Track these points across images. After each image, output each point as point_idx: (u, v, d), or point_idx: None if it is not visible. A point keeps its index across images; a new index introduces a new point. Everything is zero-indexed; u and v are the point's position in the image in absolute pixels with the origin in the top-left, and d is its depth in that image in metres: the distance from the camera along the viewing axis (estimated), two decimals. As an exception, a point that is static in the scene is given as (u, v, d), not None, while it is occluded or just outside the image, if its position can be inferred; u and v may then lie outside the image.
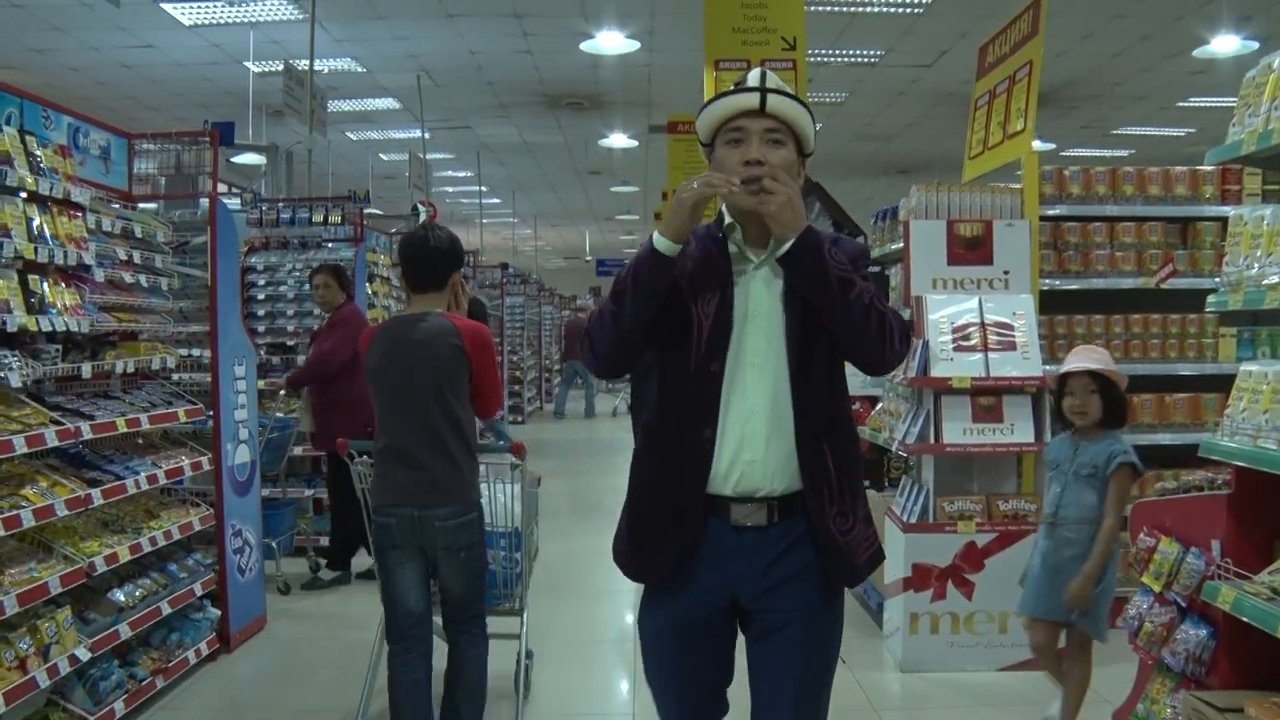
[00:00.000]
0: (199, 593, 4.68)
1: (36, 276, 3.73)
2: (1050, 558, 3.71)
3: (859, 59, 12.03)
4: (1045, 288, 5.24)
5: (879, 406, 5.98)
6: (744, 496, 2.22)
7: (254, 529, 5.25)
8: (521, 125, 15.17)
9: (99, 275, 4.14)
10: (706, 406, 2.22)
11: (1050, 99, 13.22)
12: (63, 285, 3.90)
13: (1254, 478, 2.62)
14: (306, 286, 6.81)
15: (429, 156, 14.06)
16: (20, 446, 3.44)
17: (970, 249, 5.03)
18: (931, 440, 4.75)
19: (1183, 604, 2.92)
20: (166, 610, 4.35)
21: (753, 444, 2.20)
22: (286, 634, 5.40)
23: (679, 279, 2.24)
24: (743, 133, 2.24)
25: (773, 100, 2.23)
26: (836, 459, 2.24)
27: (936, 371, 4.74)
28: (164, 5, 9.94)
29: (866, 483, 6.82)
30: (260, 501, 5.40)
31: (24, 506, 3.45)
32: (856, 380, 7.03)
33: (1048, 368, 4.87)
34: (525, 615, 4.11)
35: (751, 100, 2.24)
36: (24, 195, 3.72)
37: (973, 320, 4.81)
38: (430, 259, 3.57)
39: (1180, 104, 13.96)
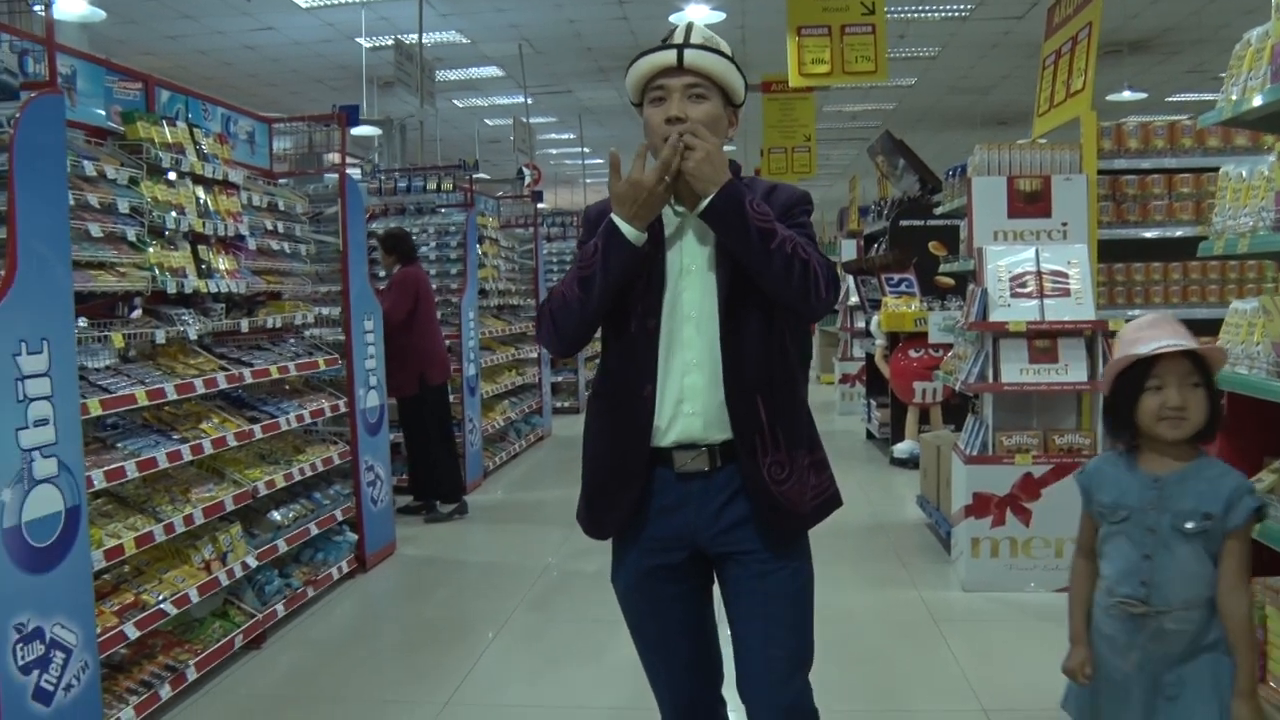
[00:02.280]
0: (339, 518, 5.38)
1: (204, 246, 4.41)
2: (1144, 663, 2.36)
3: (950, 13, 12.16)
4: (1104, 237, 5.58)
5: (952, 351, 6.39)
6: (685, 444, 2.24)
7: (384, 465, 5.94)
8: (621, 88, 15.46)
9: (251, 244, 4.81)
10: (646, 363, 2.23)
11: (1151, 45, 13.14)
12: (223, 253, 4.58)
13: (1243, 401, 3.03)
14: (423, 248, 7.49)
15: (532, 121, 14.65)
16: (199, 388, 4.14)
17: (1030, 202, 5.40)
18: (990, 379, 5.17)
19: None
20: (314, 531, 5.07)
21: (691, 397, 2.22)
22: (413, 557, 6.11)
23: None
24: (665, 90, 2.23)
25: (690, 55, 2.21)
26: (770, 409, 2.23)
27: (994, 316, 5.15)
28: (284, -11, 10.69)
29: (950, 427, 7.19)
30: (389, 441, 6.08)
31: (204, 437, 4.16)
32: (935, 328, 7.44)
33: (1102, 313, 5.26)
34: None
35: (669, 57, 2.22)
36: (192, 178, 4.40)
37: (1029, 269, 5.20)
38: None
39: (1285, 45, 13.72)
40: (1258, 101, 2.74)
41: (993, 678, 4.10)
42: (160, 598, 3.83)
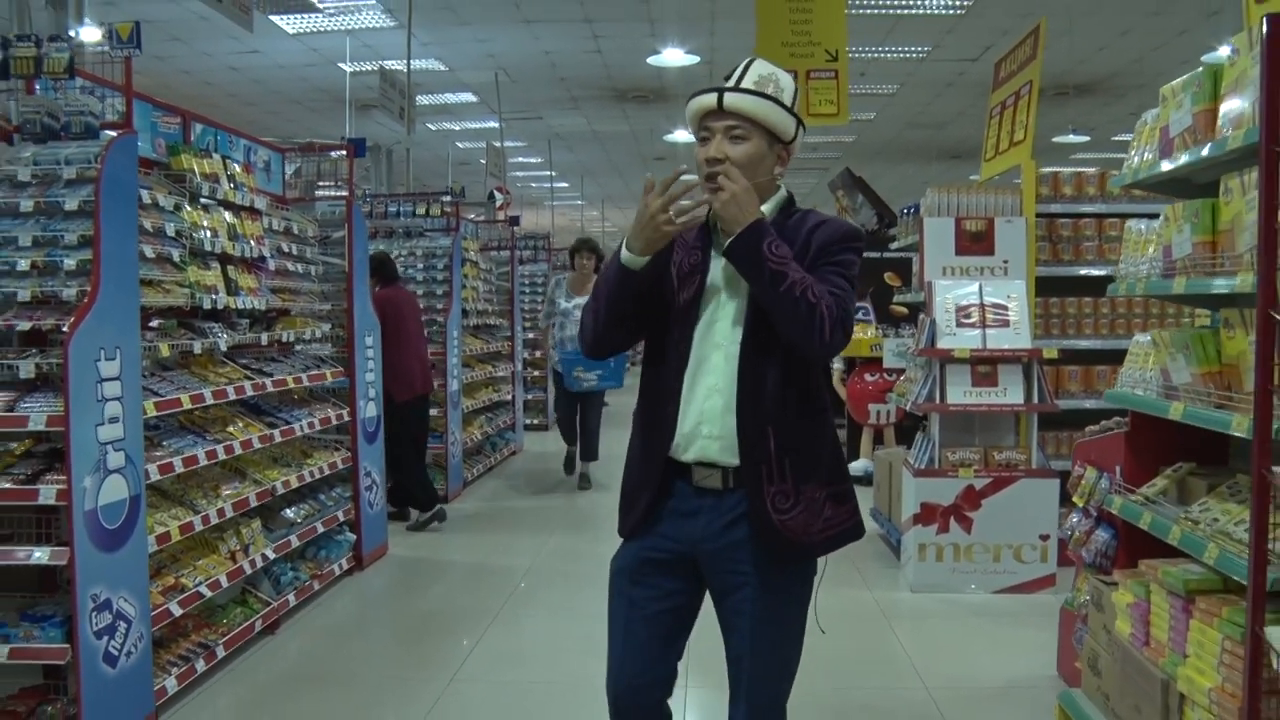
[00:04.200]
0: (340, 519, 5.83)
1: (232, 266, 4.87)
2: None
3: (908, 54, 12.80)
4: (1041, 274, 6.18)
5: (904, 375, 6.97)
6: (702, 463, 2.38)
7: (379, 471, 6.39)
8: (590, 116, 16.19)
9: (271, 265, 5.27)
10: (673, 384, 2.38)
11: (1096, 89, 13.85)
12: (247, 273, 5.03)
13: (1141, 418, 3.59)
14: (410, 270, 7.99)
15: (501, 145, 15.16)
16: (231, 394, 4.60)
17: (975, 241, 6.00)
18: (937, 400, 5.74)
19: (1095, 515, 3.89)
20: (320, 529, 5.52)
21: (710, 420, 2.35)
22: (404, 558, 6.57)
23: (669, 267, 2.43)
24: (709, 131, 2.35)
25: (729, 99, 2.32)
26: (781, 441, 2.32)
27: (941, 344, 5.73)
28: (273, 17, 11.11)
29: (904, 447, 7.71)
30: (383, 448, 6.53)
31: (232, 439, 4.61)
32: (889, 353, 7.98)
33: (1038, 342, 5.85)
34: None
35: (710, 100, 2.34)
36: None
37: (974, 301, 5.79)
38: None
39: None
40: (1146, 173, 3.33)
41: (935, 663, 4.64)
42: (197, 581, 4.28)
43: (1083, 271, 6.26)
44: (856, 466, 9.02)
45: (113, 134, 3.76)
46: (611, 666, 2.50)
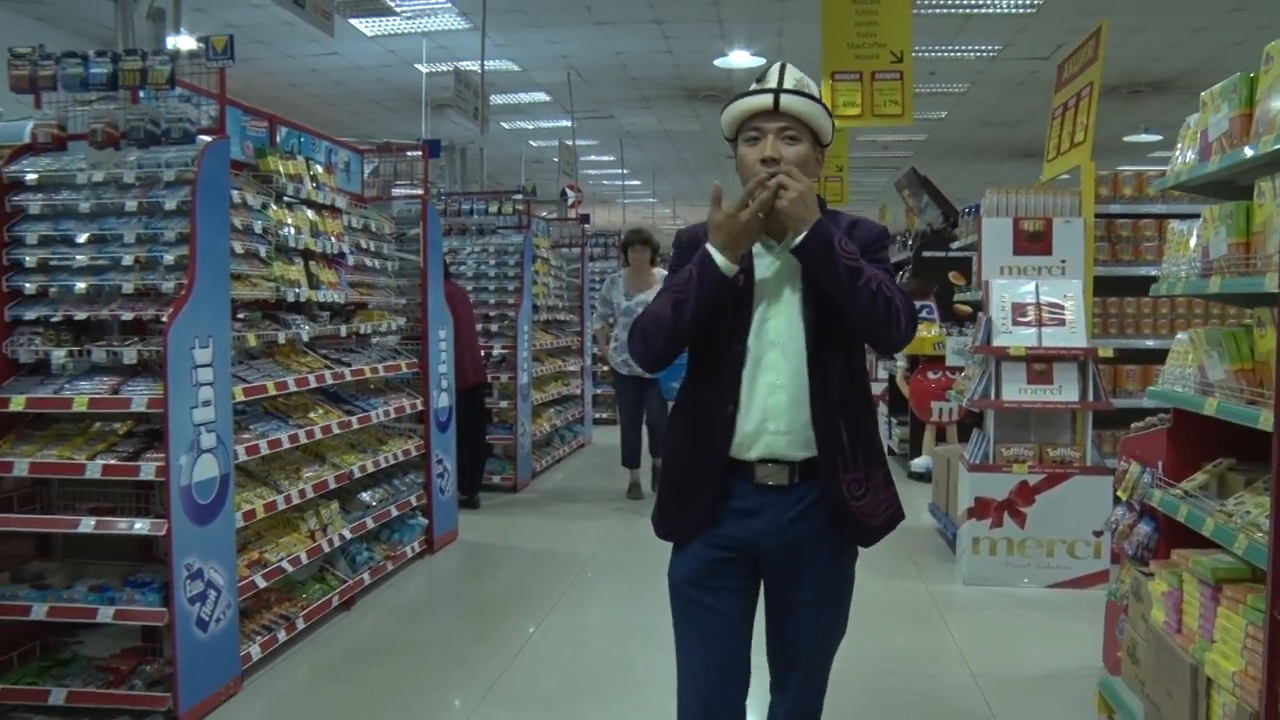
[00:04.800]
0: (413, 504, 6.11)
1: (313, 262, 5.16)
2: None
3: (978, 53, 12.79)
4: (1100, 274, 6.25)
5: (963, 373, 7.06)
6: (767, 459, 2.39)
7: (450, 459, 6.67)
8: (661, 115, 16.40)
9: (350, 260, 5.55)
10: (730, 384, 2.39)
11: (1170, 86, 13.69)
12: (328, 268, 5.32)
13: (1182, 414, 3.69)
14: (483, 266, 8.28)
15: (573, 143, 15.44)
16: (312, 382, 4.88)
17: (1033, 241, 6.09)
18: (992, 398, 5.84)
19: (1138, 508, 4.00)
20: (394, 513, 5.80)
21: (776, 416, 2.37)
22: (473, 543, 6.84)
23: None
24: (760, 131, 2.36)
25: (786, 100, 2.34)
26: (850, 430, 2.40)
27: (997, 342, 5.83)
28: (352, 21, 11.50)
29: (964, 444, 7.78)
30: (455, 437, 6.80)
31: (313, 425, 4.90)
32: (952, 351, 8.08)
33: (1095, 341, 5.92)
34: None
35: (766, 101, 2.35)
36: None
37: (1030, 300, 5.88)
38: None
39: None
40: (1187, 176, 3.44)
41: (983, 652, 4.76)
42: (279, 557, 4.57)
43: (1142, 272, 6.31)
44: (918, 464, 9.11)
45: (208, 139, 4.07)
46: (695, 677, 2.50)
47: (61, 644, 4.24)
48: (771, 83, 2.38)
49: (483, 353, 8.48)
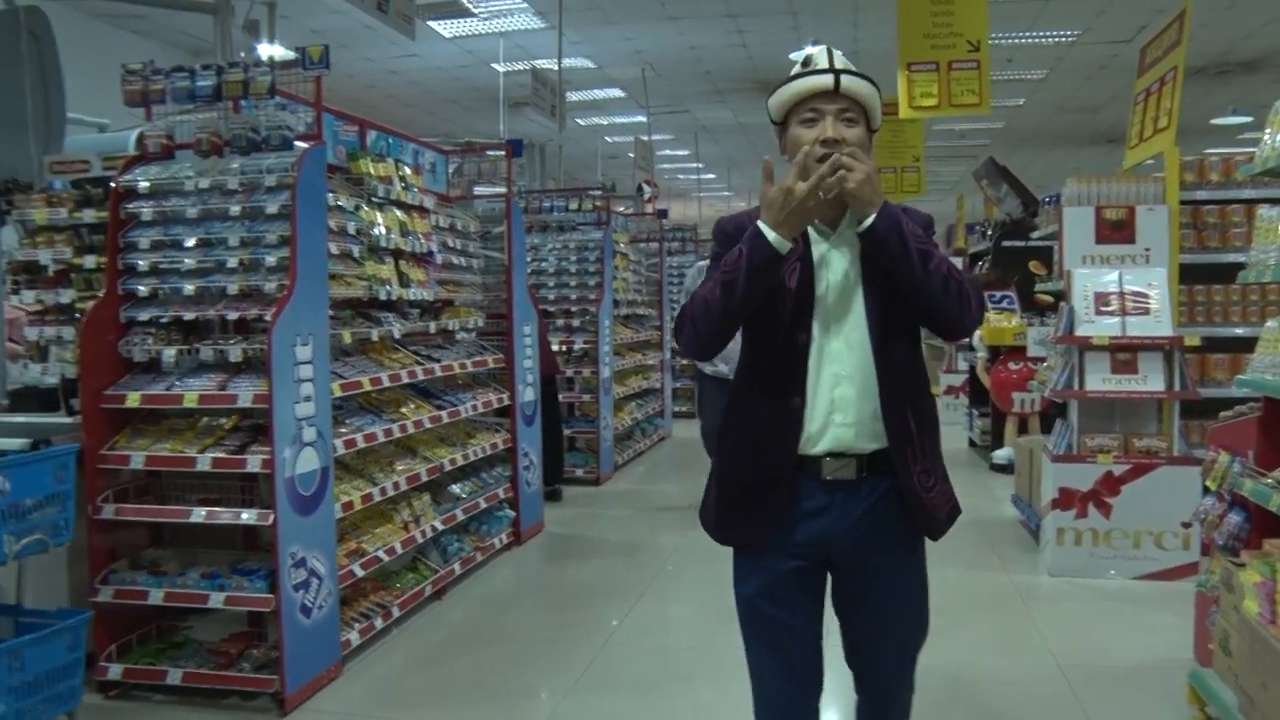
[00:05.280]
0: (501, 496, 6.26)
1: (403, 261, 5.32)
2: None
3: (1057, 38, 12.61)
4: (1185, 261, 6.16)
5: (1045, 363, 7.02)
6: (834, 453, 2.30)
7: (536, 453, 6.81)
8: (736, 108, 16.43)
9: (438, 259, 5.71)
10: (794, 375, 2.30)
11: (1263, 65, 13.33)
12: (417, 266, 5.48)
13: (1273, 403, 3.67)
14: (564, 262, 8.44)
15: (649, 138, 15.55)
16: (405, 378, 5.05)
17: (1116, 230, 6.03)
18: (1076, 387, 5.81)
19: (1228, 498, 3.97)
20: (483, 505, 5.96)
21: (843, 408, 2.29)
22: (559, 534, 6.99)
23: None
24: (818, 113, 2.28)
25: (846, 81, 2.27)
26: (918, 421, 2.34)
27: (1080, 331, 5.79)
28: (430, 23, 11.72)
29: (1035, 435, 7.75)
30: (540, 431, 6.95)
31: (406, 419, 5.06)
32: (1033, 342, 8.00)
33: (1181, 329, 5.85)
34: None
35: (826, 81, 2.27)
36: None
37: (1113, 289, 5.83)
38: None
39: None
40: (1276, 161, 3.41)
41: (1068, 642, 4.76)
42: (375, 548, 4.74)
43: (1230, 259, 6.20)
44: (1000, 455, 9.05)
45: (305, 145, 4.24)
46: (771, 693, 2.47)
47: (173, 628, 4.47)
48: (824, 63, 2.31)
49: (564, 347, 8.64)
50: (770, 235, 2.20)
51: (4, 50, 4.46)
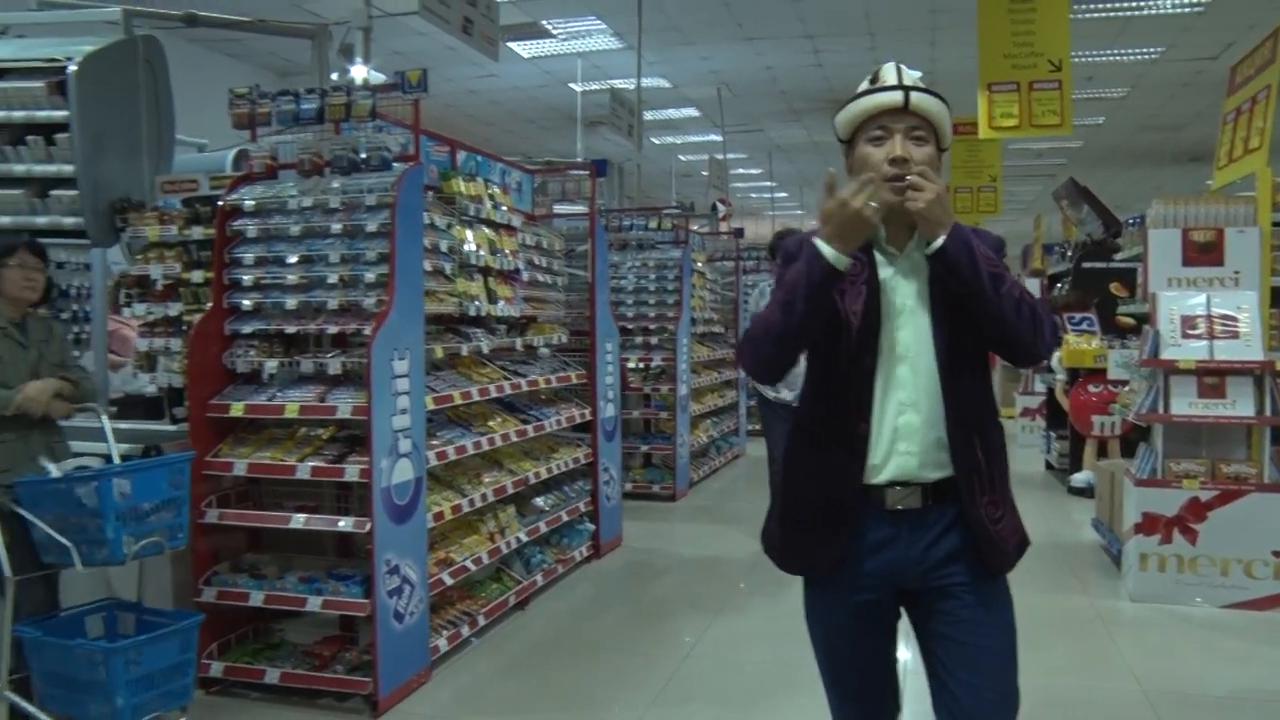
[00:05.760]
0: (581, 510, 6.36)
1: (491, 278, 5.45)
2: None
3: (1140, 56, 12.47)
4: (1278, 285, 6.07)
5: (1128, 386, 6.95)
6: (898, 482, 2.23)
7: (616, 467, 6.91)
8: (810, 127, 16.47)
9: (525, 276, 5.84)
10: (859, 401, 2.24)
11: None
12: (504, 283, 5.61)
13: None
14: (643, 280, 8.55)
15: (724, 157, 15.64)
16: (493, 392, 5.18)
17: (1204, 252, 5.98)
18: (1160, 411, 5.75)
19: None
20: (564, 518, 6.06)
21: (907, 436, 2.22)
22: (637, 548, 7.07)
23: None
24: (886, 130, 2.22)
25: (916, 98, 2.22)
26: (986, 449, 2.25)
27: (1165, 355, 5.74)
28: (510, 44, 11.95)
29: (1115, 459, 7.63)
30: (620, 446, 7.05)
31: (494, 433, 5.19)
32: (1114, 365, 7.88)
33: (1272, 354, 5.77)
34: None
35: (896, 98, 2.21)
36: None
37: (1200, 312, 5.77)
38: None
39: None
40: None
41: (1153, 668, 4.72)
42: (463, 557, 4.86)
43: (1325, 282, 6.11)
44: (1079, 479, 8.94)
45: (403, 166, 4.39)
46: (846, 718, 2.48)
47: (268, 630, 4.62)
48: (892, 80, 2.25)
49: (642, 364, 8.75)
50: (827, 251, 2.15)
51: (124, 78, 4.67)
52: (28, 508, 3.57)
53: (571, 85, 13.39)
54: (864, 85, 2.31)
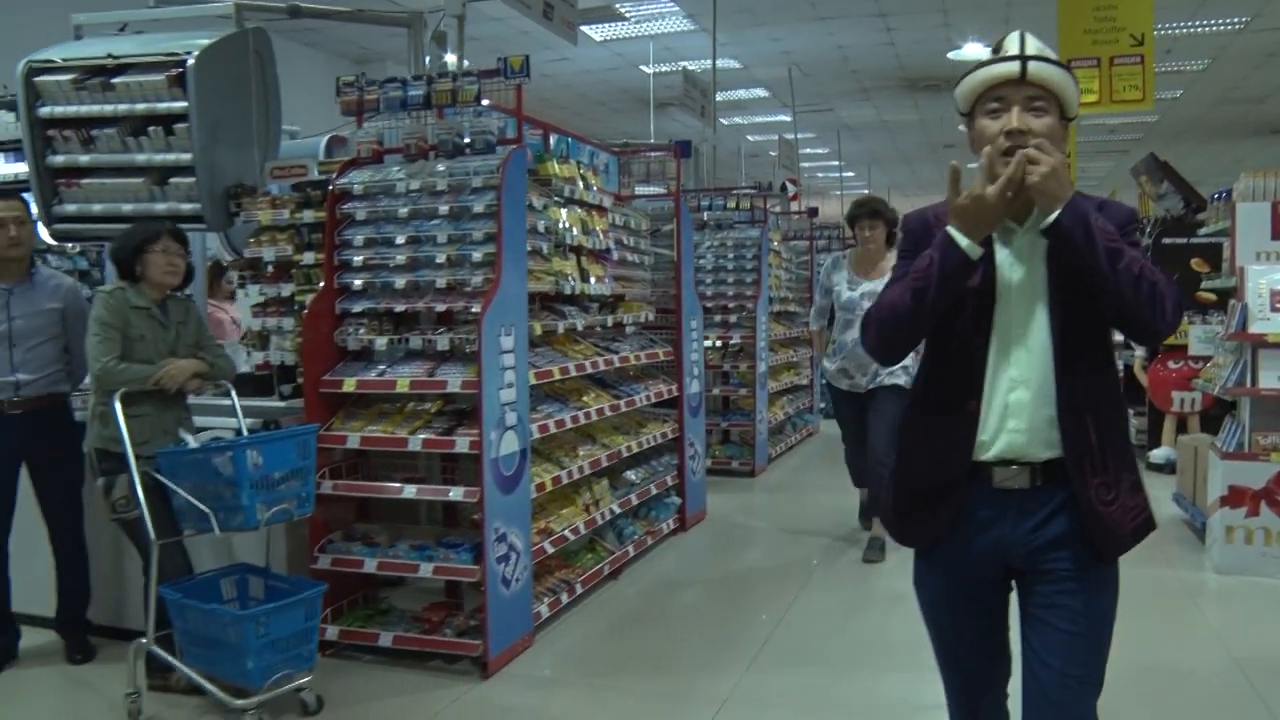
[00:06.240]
0: (669, 484, 6.52)
1: (584, 257, 5.61)
2: None
3: (1222, 26, 12.25)
4: (1371, 257, 6.04)
5: (1211, 361, 6.94)
6: (1006, 460, 2.22)
7: (700, 442, 7.06)
8: (880, 106, 16.42)
9: (615, 255, 5.99)
10: (971, 379, 2.23)
11: None
12: (596, 263, 5.77)
13: None
14: (721, 260, 8.67)
15: (795, 137, 15.66)
16: (588, 368, 5.35)
17: (1293, 226, 5.97)
18: (1248, 384, 5.76)
19: None
20: (653, 491, 6.23)
21: (1017, 414, 2.20)
22: (721, 522, 7.23)
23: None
24: (1004, 102, 2.17)
25: (1034, 67, 2.15)
26: (1100, 430, 2.20)
27: (1253, 329, 5.74)
28: (583, 28, 12.07)
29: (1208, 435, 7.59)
30: (704, 422, 7.19)
31: (588, 407, 5.36)
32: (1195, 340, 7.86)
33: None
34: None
35: (1012, 69, 2.16)
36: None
37: (1290, 286, 5.77)
38: None
39: None
40: None
41: (1242, 637, 4.77)
42: (562, 527, 5.05)
43: None
44: (1158, 455, 8.92)
45: (507, 149, 4.56)
46: (957, 689, 2.49)
47: (376, 596, 4.85)
48: (1013, 49, 2.19)
49: (721, 342, 8.89)
50: (963, 242, 2.14)
51: (237, 69, 4.88)
52: (168, 476, 3.81)
53: (643, 67, 13.49)
54: (985, 55, 2.27)
